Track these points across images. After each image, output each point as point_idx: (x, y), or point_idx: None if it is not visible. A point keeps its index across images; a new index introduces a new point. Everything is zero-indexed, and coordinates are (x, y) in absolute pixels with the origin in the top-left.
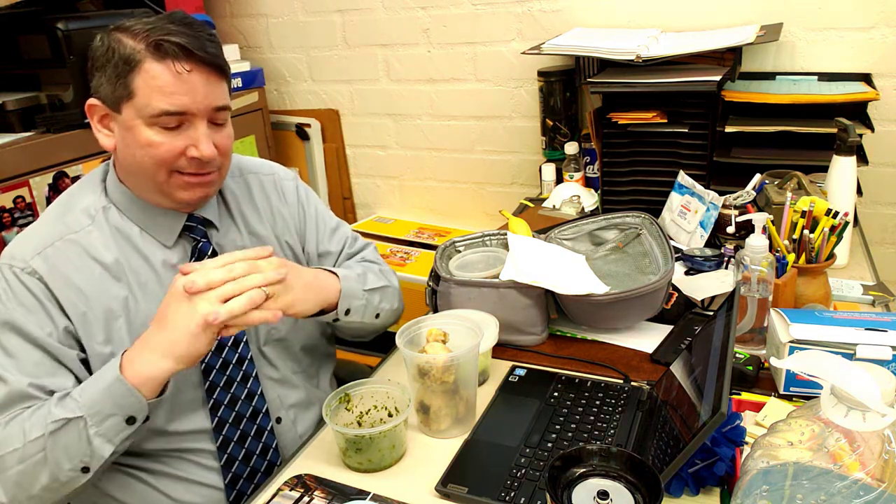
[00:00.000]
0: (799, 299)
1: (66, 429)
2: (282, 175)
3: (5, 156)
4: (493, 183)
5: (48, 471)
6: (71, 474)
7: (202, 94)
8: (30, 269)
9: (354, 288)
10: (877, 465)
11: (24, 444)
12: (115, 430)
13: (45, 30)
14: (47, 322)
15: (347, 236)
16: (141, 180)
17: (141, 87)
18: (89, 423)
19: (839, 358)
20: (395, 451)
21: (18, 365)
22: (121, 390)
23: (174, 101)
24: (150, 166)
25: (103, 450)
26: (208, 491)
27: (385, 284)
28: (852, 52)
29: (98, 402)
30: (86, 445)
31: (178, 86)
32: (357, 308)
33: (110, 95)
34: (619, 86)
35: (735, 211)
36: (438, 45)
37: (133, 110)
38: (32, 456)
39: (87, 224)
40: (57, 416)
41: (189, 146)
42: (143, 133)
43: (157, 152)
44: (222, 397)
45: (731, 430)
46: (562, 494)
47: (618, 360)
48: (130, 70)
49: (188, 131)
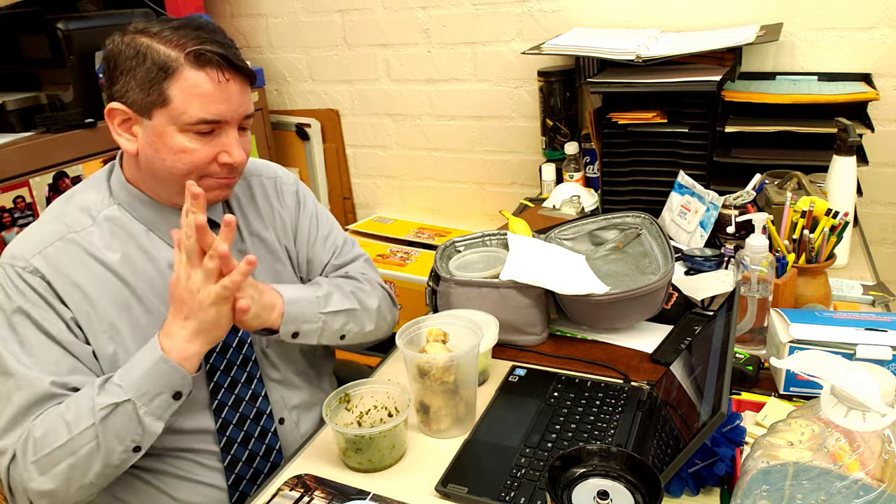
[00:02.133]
0: (799, 299)
1: (116, 413)
2: (283, 178)
3: (5, 156)
4: (493, 183)
5: (101, 457)
6: (124, 456)
7: (237, 103)
8: (31, 268)
9: (305, 311)
10: (877, 465)
11: (72, 437)
12: (164, 406)
13: (45, 30)
14: (55, 317)
15: (337, 245)
16: (165, 183)
17: (178, 95)
18: (138, 405)
19: (839, 358)
20: (395, 451)
21: (36, 359)
22: (166, 369)
23: (212, 109)
24: (182, 171)
25: (155, 427)
26: (211, 491)
27: (351, 307)
28: (852, 52)
29: (144, 384)
30: (136, 426)
31: (217, 95)
32: (309, 331)
33: (140, 101)
34: (619, 86)
35: (735, 211)
36: (438, 45)
37: (166, 117)
38: (84, 446)
39: (89, 224)
40: (103, 402)
41: (221, 152)
42: (175, 139)
43: (190, 158)
44: (226, 398)
45: (731, 430)
46: (562, 494)
47: (618, 360)
48: (167, 77)
49: (219, 138)
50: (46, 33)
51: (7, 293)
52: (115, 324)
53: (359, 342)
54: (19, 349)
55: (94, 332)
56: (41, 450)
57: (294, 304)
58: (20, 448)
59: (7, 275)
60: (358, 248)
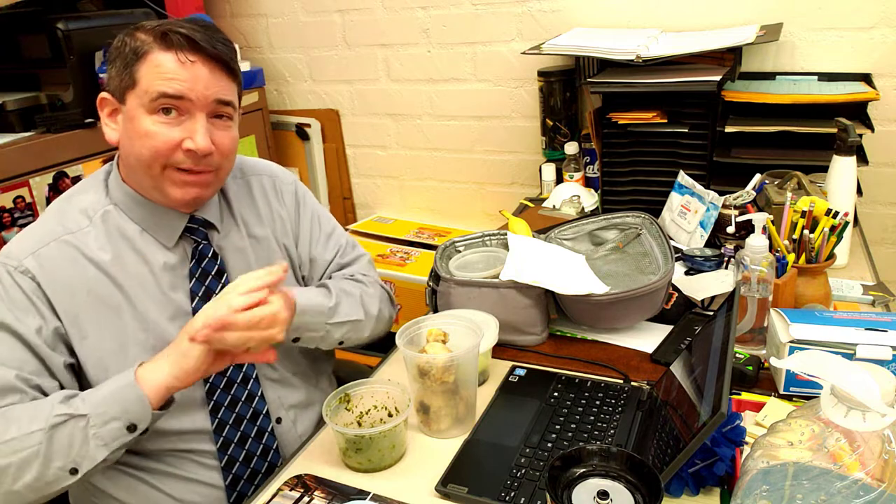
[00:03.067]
0: (799, 299)
1: (67, 425)
2: (282, 177)
3: (5, 156)
4: (493, 183)
5: (38, 466)
6: (59, 473)
7: (203, 85)
8: (22, 268)
9: (313, 321)
10: (877, 465)
11: (20, 436)
12: (114, 435)
13: (45, 30)
14: (37, 321)
15: (341, 245)
16: (140, 175)
17: (144, 75)
18: (91, 423)
19: (839, 358)
20: (395, 451)
21: (3, 359)
22: (130, 395)
23: (173, 85)
24: (147, 158)
25: (97, 453)
26: (209, 490)
27: (357, 318)
28: (852, 52)
29: (105, 404)
30: (81, 444)
31: (180, 73)
32: (310, 339)
33: (118, 86)
34: (619, 86)
35: (735, 211)
36: (438, 45)
37: (136, 99)
38: (26, 449)
39: (86, 225)
40: (61, 411)
41: (186, 138)
42: (142, 122)
43: (153, 143)
44: (222, 399)
45: (731, 430)
46: (562, 494)
47: (618, 360)
48: (137, 60)
49: (186, 123)
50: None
51: None
52: (106, 326)
53: (354, 345)
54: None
55: (83, 335)
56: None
57: (304, 315)
58: None
59: None
60: (360, 248)
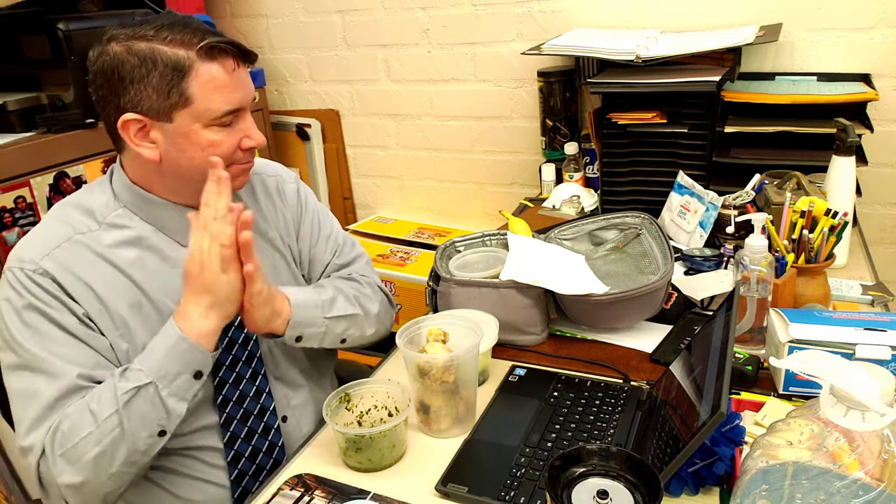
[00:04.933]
0: (798, 299)
1: (138, 397)
2: (284, 176)
3: (6, 156)
4: (493, 183)
5: (127, 443)
6: (149, 441)
7: (248, 88)
8: (41, 270)
9: (311, 316)
10: (876, 464)
11: (97, 425)
12: (186, 387)
13: (45, 30)
14: (68, 314)
15: (339, 245)
16: (192, 182)
17: (198, 92)
18: (160, 387)
19: (838, 358)
20: (395, 451)
21: (59, 355)
22: (185, 348)
23: (232, 98)
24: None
25: (179, 408)
26: (214, 489)
27: (355, 313)
28: (851, 53)
29: (164, 365)
30: (160, 409)
31: (233, 84)
32: (312, 335)
33: (159, 106)
34: (619, 86)
35: (734, 211)
36: (438, 46)
37: (190, 116)
38: (109, 433)
39: (95, 228)
40: (125, 388)
41: (243, 138)
42: (202, 135)
43: (219, 150)
44: (231, 394)
45: (731, 430)
46: (562, 494)
47: (617, 360)
48: (183, 76)
49: (238, 124)
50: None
51: (17, 292)
52: (128, 322)
53: (358, 345)
54: (40, 345)
55: (107, 329)
56: (68, 441)
57: (300, 308)
58: (48, 442)
59: (16, 277)
60: (358, 248)
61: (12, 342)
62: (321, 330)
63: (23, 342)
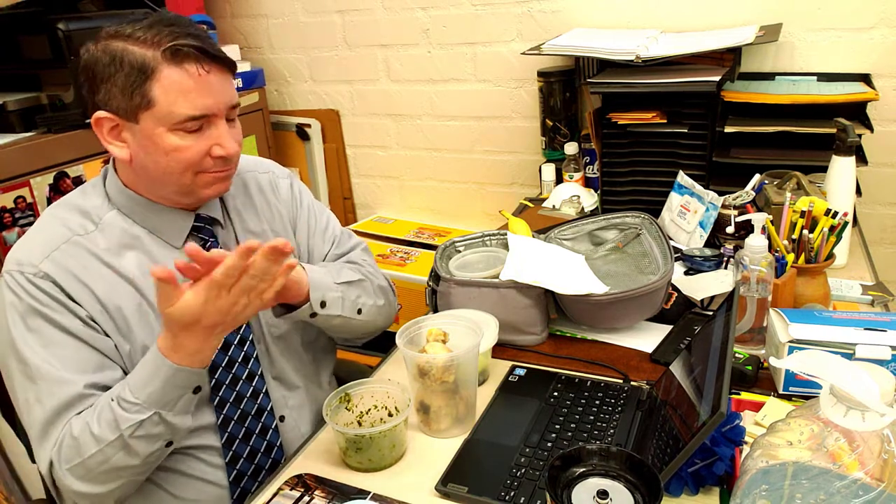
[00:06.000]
0: (798, 299)
1: (144, 426)
2: (277, 173)
3: (6, 156)
4: (493, 183)
5: (135, 459)
6: (158, 452)
7: (220, 94)
8: (41, 274)
9: (325, 280)
10: (876, 464)
11: (100, 449)
12: (188, 404)
13: (45, 30)
14: (70, 315)
15: (336, 235)
16: (163, 185)
17: (161, 95)
18: (164, 413)
19: (838, 358)
20: (395, 451)
21: (63, 360)
22: (182, 376)
23: (198, 104)
24: (178, 170)
25: (184, 422)
26: (213, 489)
27: (361, 278)
28: (851, 53)
29: (165, 393)
30: (165, 429)
31: (200, 89)
32: (334, 301)
33: (125, 106)
34: (619, 86)
35: (734, 211)
36: (438, 46)
37: (153, 119)
38: (115, 455)
39: (92, 229)
40: (130, 421)
41: (213, 146)
42: (166, 139)
43: (183, 156)
44: (228, 395)
45: (731, 430)
46: (561, 494)
47: (617, 360)
48: (147, 78)
49: (209, 131)
50: (47, 33)
51: (18, 296)
52: (129, 322)
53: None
54: (43, 350)
55: (110, 330)
56: (74, 458)
57: (313, 272)
58: (55, 455)
59: (16, 281)
60: (355, 238)
61: (17, 349)
62: (338, 294)
63: (27, 349)
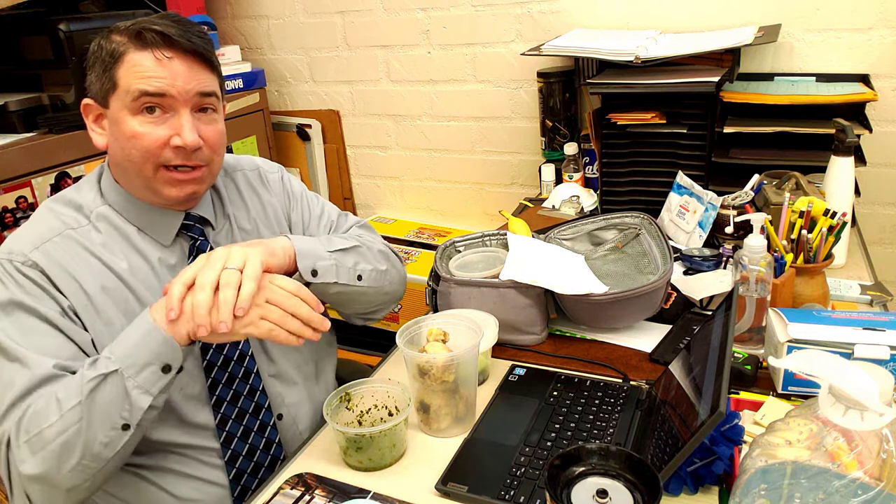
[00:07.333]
0: (797, 299)
1: (103, 386)
2: (266, 168)
3: (7, 156)
4: (493, 183)
5: (89, 434)
6: (112, 434)
7: (183, 79)
8: (30, 262)
9: (314, 248)
10: (875, 463)
11: (61, 415)
12: (152, 379)
13: (46, 31)
14: (53, 304)
15: (333, 220)
16: (132, 177)
17: (123, 76)
18: (126, 376)
19: (837, 357)
20: (395, 450)
21: (38, 346)
22: (156, 338)
23: (152, 83)
24: (138, 160)
25: (141, 401)
26: (212, 488)
27: (355, 245)
28: (850, 53)
29: (133, 353)
30: (123, 399)
31: (158, 70)
32: (326, 269)
33: (99, 91)
34: (618, 86)
35: (733, 211)
36: (438, 47)
37: (118, 101)
38: (73, 425)
39: (85, 223)
40: (91, 375)
41: (173, 135)
42: (128, 124)
43: (142, 143)
44: (224, 393)
45: (730, 429)
46: (561, 493)
47: (617, 360)
48: (115, 62)
49: (172, 120)
50: (48, 34)
51: (4, 285)
52: (113, 318)
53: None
54: (20, 336)
55: (91, 324)
56: (33, 428)
57: (300, 241)
58: (13, 429)
59: (4, 269)
60: (352, 217)
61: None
62: (331, 263)
63: (2, 334)
